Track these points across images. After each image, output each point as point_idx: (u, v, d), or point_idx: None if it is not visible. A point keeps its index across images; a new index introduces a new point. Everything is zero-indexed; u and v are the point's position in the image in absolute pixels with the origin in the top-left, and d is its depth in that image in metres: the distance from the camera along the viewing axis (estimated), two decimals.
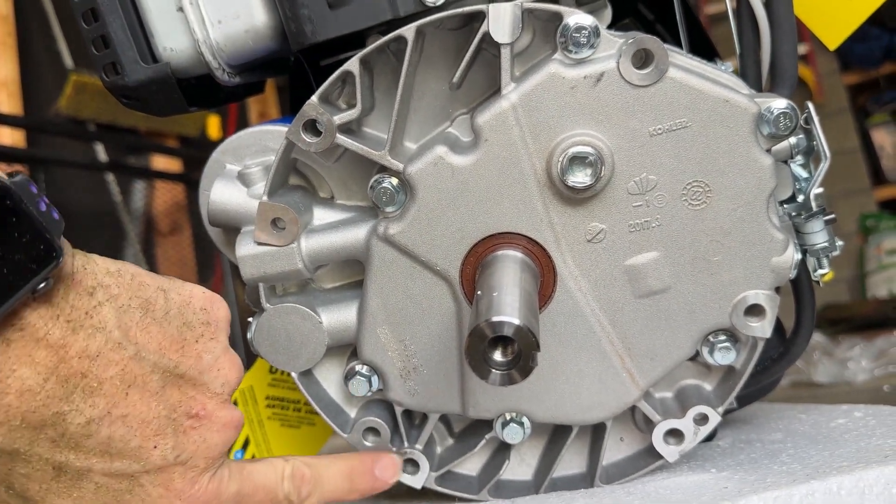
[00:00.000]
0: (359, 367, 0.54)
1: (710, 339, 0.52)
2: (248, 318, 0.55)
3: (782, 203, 0.54)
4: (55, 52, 2.37)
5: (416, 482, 0.55)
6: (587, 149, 0.47)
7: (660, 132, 0.48)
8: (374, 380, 0.54)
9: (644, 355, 0.52)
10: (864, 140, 3.33)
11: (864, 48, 3.21)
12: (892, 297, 3.03)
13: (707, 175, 0.48)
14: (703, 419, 0.53)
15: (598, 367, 0.52)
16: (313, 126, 0.50)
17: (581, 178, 0.47)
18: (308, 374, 0.56)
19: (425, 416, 0.55)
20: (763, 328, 0.51)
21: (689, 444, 0.53)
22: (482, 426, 0.56)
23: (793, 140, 0.51)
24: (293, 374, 0.55)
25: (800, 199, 0.54)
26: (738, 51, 0.56)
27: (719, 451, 0.58)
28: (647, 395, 0.54)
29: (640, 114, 0.47)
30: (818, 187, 0.54)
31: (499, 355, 0.42)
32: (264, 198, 0.51)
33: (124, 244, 2.44)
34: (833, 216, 0.53)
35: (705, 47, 0.62)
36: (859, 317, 2.85)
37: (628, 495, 0.50)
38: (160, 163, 2.63)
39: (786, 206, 0.54)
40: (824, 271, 0.54)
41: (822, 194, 0.54)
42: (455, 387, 0.53)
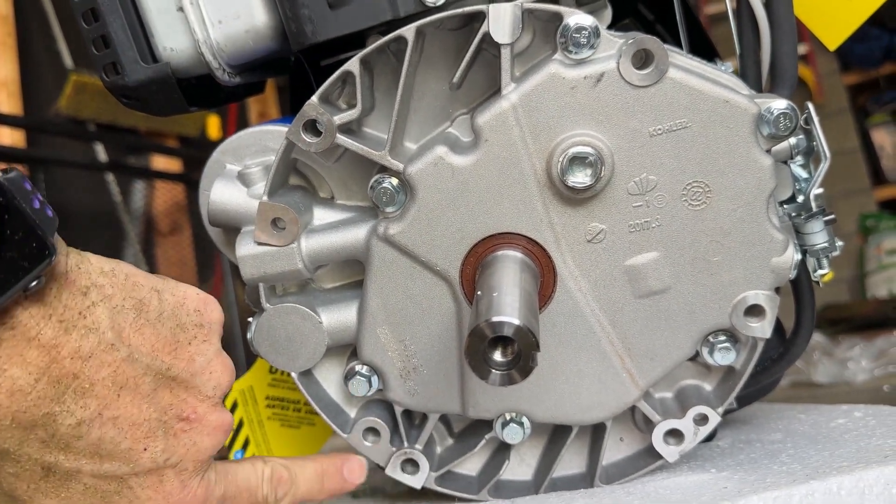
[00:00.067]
0: (359, 367, 0.54)
1: (710, 339, 0.52)
2: (248, 318, 0.55)
3: (782, 203, 0.54)
4: (55, 52, 2.37)
5: (416, 482, 0.55)
6: (587, 149, 0.47)
7: (660, 132, 0.48)
8: (374, 380, 0.54)
9: (644, 355, 0.52)
10: (864, 140, 3.33)
11: (864, 48, 3.21)
12: (892, 297, 3.03)
13: (707, 175, 0.48)
14: (702, 419, 0.53)
15: (597, 367, 0.52)
16: (313, 126, 0.50)
17: (581, 178, 0.47)
18: (308, 374, 0.56)
19: (425, 416, 0.55)
20: (763, 328, 0.51)
21: (688, 444, 0.53)
22: (482, 426, 0.56)
23: (793, 140, 0.51)
24: (293, 374, 0.55)
25: (800, 199, 0.54)
26: (738, 51, 0.56)
27: (719, 452, 0.58)
28: (647, 395, 0.54)
29: (640, 114, 0.47)
30: (818, 187, 0.54)
31: (499, 355, 0.42)
32: (264, 198, 0.51)
33: (124, 244, 2.44)
34: (833, 216, 0.53)
35: (705, 47, 0.62)
36: (859, 317, 2.85)
37: (628, 495, 0.50)
38: (160, 163, 2.63)
39: (786, 206, 0.54)
40: (824, 271, 0.54)
41: (822, 194, 0.54)
42: (455, 387, 0.53)
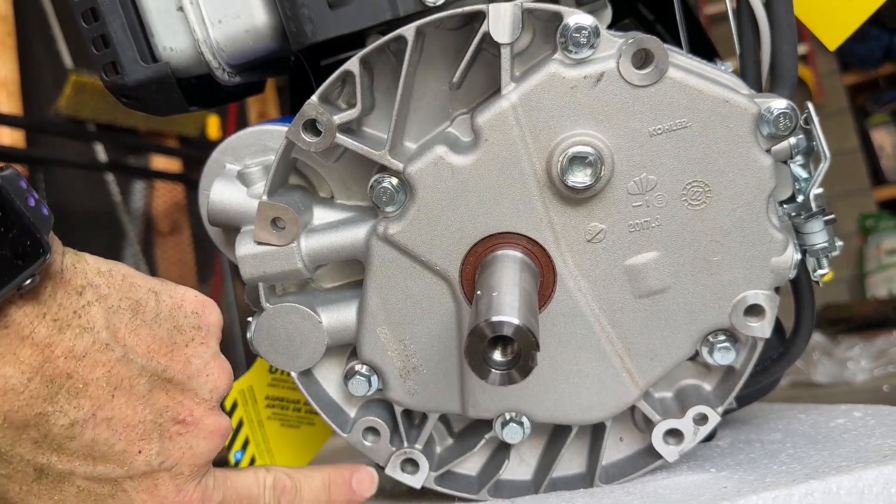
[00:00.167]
0: (358, 367, 0.54)
1: (710, 339, 0.52)
2: (248, 317, 0.55)
3: (782, 203, 0.54)
4: (55, 52, 2.37)
5: (416, 482, 0.55)
6: (587, 149, 0.47)
7: (660, 132, 0.48)
8: (374, 379, 0.54)
9: (644, 355, 0.52)
10: (864, 140, 3.33)
11: (864, 48, 3.21)
12: (892, 297, 3.03)
13: (707, 175, 0.48)
14: (702, 419, 0.53)
15: (597, 366, 0.52)
16: (313, 126, 0.50)
17: (581, 177, 0.47)
18: (308, 374, 0.56)
19: (425, 416, 0.55)
20: (762, 328, 0.51)
21: (688, 443, 0.53)
22: (482, 426, 0.56)
23: (792, 140, 0.51)
24: (293, 373, 0.55)
25: (799, 199, 0.54)
26: (738, 51, 0.56)
27: (719, 451, 0.58)
28: (647, 394, 0.54)
29: (639, 114, 0.47)
30: (818, 187, 0.54)
31: (498, 355, 0.42)
32: (264, 197, 0.51)
33: (124, 244, 2.44)
34: (833, 216, 0.53)
35: (705, 47, 0.62)
36: (859, 317, 2.86)
37: (628, 495, 0.50)
38: (160, 163, 2.63)
39: (785, 206, 0.54)
40: (824, 271, 0.54)
41: (822, 194, 0.54)
42: (455, 386, 0.53)
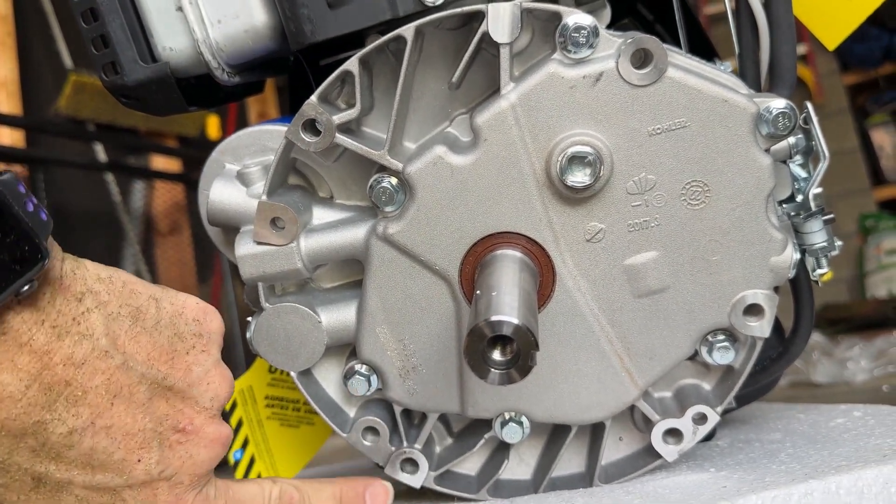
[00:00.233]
0: (358, 367, 0.54)
1: (709, 338, 0.52)
2: (248, 317, 0.55)
3: (781, 203, 0.54)
4: (55, 52, 2.37)
5: (415, 482, 0.55)
6: (586, 148, 0.47)
7: (659, 132, 0.48)
8: (374, 379, 0.54)
9: (643, 355, 0.52)
10: (864, 140, 3.33)
11: (864, 48, 3.21)
12: (892, 297, 3.03)
13: (706, 175, 0.48)
14: (701, 419, 0.53)
15: (597, 366, 0.52)
16: (312, 126, 0.50)
17: (580, 177, 0.47)
18: (307, 374, 0.56)
19: (424, 416, 0.55)
20: (762, 328, 0.51)
21: (687, 443, 0.53)
22: (481, 426, 0.56)
23: (792, 140, 0.51)
24: (292, 373, 0.55)
25: (799, 198, 0.54)
26: (737, 51, 0.56)
27: (718, 451, 0.58)
28: (646, 394, 0.54)
29: (638, 113, 0.47)
30: (817, 187, 0.54)
31: (498, 355, 0.42)
32: (263, 197, 0.51)
33: (124, 244, 2.44)
34: (832, 216, 0.53)
35: (705, 47, 0.62)
36: (858, 317, 2.86)
37: (627, 495, 0.50)
38: (159, 163, 2.63)
39: (785, 205, 0.54)
40: (823, 271, 0.54)
41: (821, 194, 0.54)
42: (454, 386, 0.53)
